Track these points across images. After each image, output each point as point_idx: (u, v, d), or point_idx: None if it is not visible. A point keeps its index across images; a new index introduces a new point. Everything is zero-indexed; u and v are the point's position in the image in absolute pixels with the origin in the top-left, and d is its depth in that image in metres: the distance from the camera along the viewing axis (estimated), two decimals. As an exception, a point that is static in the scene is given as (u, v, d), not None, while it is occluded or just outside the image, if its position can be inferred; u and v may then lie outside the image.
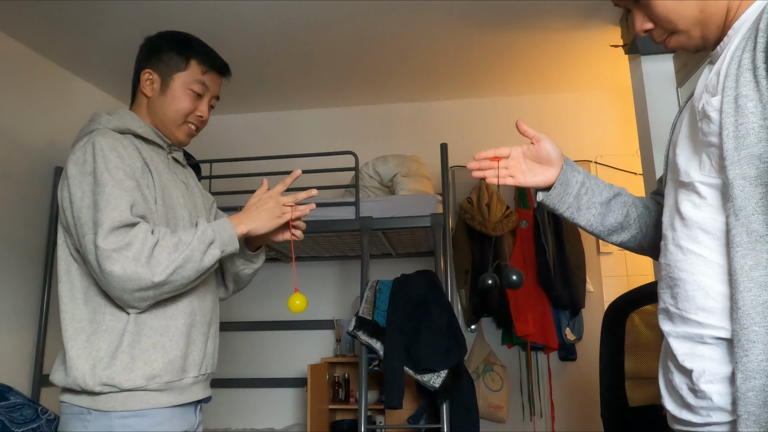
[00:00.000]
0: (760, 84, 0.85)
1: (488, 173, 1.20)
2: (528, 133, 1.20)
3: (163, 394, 1.30)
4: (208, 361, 1.42)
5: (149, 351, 1.28)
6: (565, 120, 3.85)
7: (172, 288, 1.26)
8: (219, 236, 1.31)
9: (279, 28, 2.99)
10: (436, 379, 2.49)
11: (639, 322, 1.95)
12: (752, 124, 0.85)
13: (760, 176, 0.84)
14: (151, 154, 1.41)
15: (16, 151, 2.95)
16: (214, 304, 1.49)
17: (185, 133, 1.48)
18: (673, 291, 0.97)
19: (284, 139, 4.03)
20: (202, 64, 1.46)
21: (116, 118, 1.39)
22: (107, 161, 1.27)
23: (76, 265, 1.32)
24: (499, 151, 1.21)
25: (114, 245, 1.20)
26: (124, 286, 1.20)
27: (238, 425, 3.72)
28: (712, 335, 0.90)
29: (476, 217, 3.43)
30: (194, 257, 1.26)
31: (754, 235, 0.84)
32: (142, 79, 1.45)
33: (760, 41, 0.85)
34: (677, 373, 0.95)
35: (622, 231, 1.22)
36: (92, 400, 1.25)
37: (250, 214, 1.39)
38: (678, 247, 0.97)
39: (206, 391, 1.44)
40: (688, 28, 0.99)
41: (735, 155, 0.86)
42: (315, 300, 3.81)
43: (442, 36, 3.12)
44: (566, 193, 1.18)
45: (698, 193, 0.94)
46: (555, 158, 1.18)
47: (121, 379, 1.24)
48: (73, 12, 2.75)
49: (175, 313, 1.33)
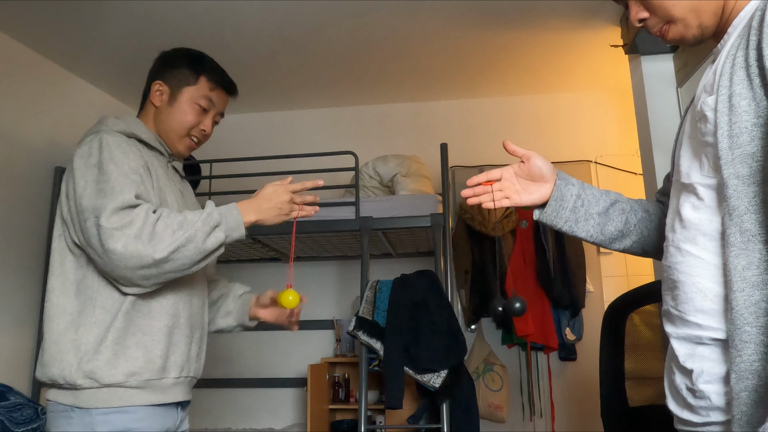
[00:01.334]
0: (753, 82, 0.85)
1: (483, 198, 1.21)
2: (517, 153, 1.19)
3: (143, 391, 1.32)
4: (191, 364, 1.45)
5: (131, 349, 1.31)
6: (564, 120, 3.85)
7: (174, 267, 1.26)
8: (225, 220, 1.32)
9: (279, 28, 2.99)
10: (436, 379, 2.49)
11: (639, 322, 1.95)
12: (745, 123, 0.84)
13: (752, 175, 0.84)
14: (152, 159, 1.46)
15: (16, 151, 2.95)
16: (201, 310, 1.51)
17: (186, 146, 1.53)
18: (673, 293, 0.97)
19: (284, 139, 4.03)
20: (210, 81, 1.52)
21: (123, 122, 1.44)
22: (113, 155, 1.31)
23: (71, 257, 1.34)
24: (491, 175, 1.21)
25: (116, 224, 1.22)
26: (127, 263, 1.22)
27: (238, 425, 3.72)
28: (710, 336, 0.90)
29: (476, 217, 3.44)
30: (197, 237, 1.27)
31: (746, 235, 0.84)
32: (152, 90, 1.51)
33: (753, 39, 0.85)
34: (678, 374, 0.95)
35: (624, 238, 1.22)
36: (75, 398, 1.28)
37: (261, 204, 1.39)
38: (677, 249, 0.97)
39: (188, 394, 1.47)
40: (684, 15, 0.99)
41: (729, 154, 0.85)
42: (315, 300, 3.81)
43: (442, 36, 3.12)
44: (562, 207, 1.19)
45: (697, 194, 0.94)
46: (547, 174, 1.19)
47: (103, 373, 1.27)
48: (73, 12, 2.75)
49: (159, 313, 1.36)
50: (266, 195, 1.40)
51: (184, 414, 1.49)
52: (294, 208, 1.43)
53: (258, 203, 1.39)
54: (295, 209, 1.43)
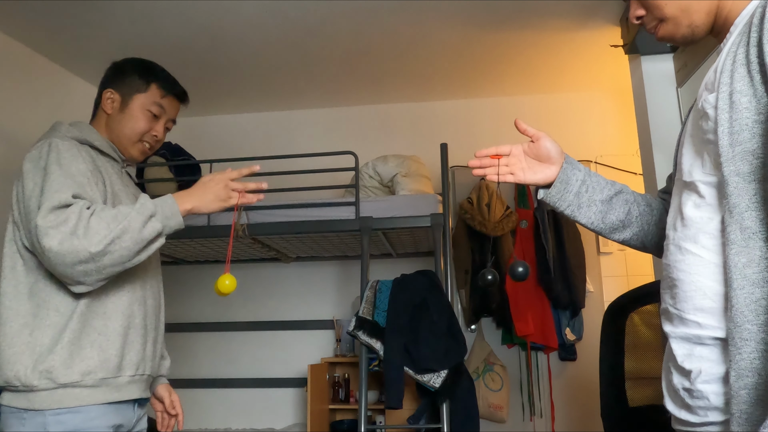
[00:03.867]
0: (753, 79, 0.84)
1: (488, 170, 1.21)
2: (528, 132, 1.20)
3: (98, 390, 1.34)
4: (146, 363, 1.48)
5: (86, 349, 1.34)
6: (564, 120, 3.85)
7: (113, 260, 1.27)
8: (161, 210, 1.34)
9: (279, 28, 2.99)
10: (436, 379, 2.49)
11: (639, 322, 1.95)
12: (746, 119, 0.84)
13: (753, 172, 0.83)
14: (106, 164, 1.50)
15: (16, 151, 2.95)
16: (155, 311, 1.55)
17: (139, 151, 1.57)
18: (672, 291, 0.97)
19: (284, 139, 4.03)
20: (161, 88, 1.58)
21: (76, 129, 1.48)
22: (60, 158, 1.35)
23: (21, 261, 1.36)
24: (500, 149, 1.22)
25: (51, 222, 1.24)
26: (64, 260, 1.24)
27: (238, 425, 3.72)
28: (710, 335, 0.90)
29: (476, 217, 3.43)
30: (132, 227, 1.28)
31: (747, 232, 0.83)
32: (104, 98, 1.56)
33: (753, 36, 0.85)
34: (676, 374, 0.95)
35: (624, 229, 1.21)
36: (29, 401, 1.29)
37: (195, 192, 1.42)
38: (677, 247, 0.97)
39: (145, 392, 1.50)
40: (675, 14, 1.00)
41: (730, 152, 0.85)
42: (315, 300, 3.81)
43: (442, 36, 3.12)
44: (566, 191, 1.18)
45: (699, 192, 0.94)
46: (555, 156, 1.19)
47: (59, 373, 1.29)
48: (73, 12, 2.75)
49: (114, 314, 1.40)
50: (202, 183, 1.44)
51: (141, 412, 1.51)
52: (233, 195, 1.44)
53: (193, 191, 1.42)
54: (234, 196, 1.44)
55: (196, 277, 3.94)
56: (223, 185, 1.43)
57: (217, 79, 3.56)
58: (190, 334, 3.83)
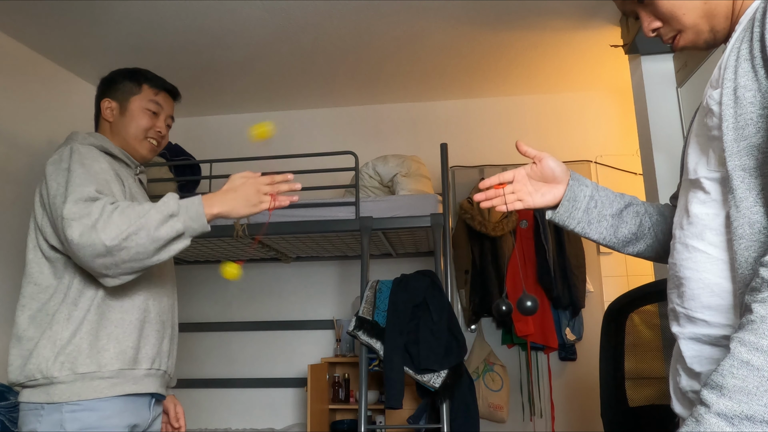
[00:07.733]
0: (757, 74, 0.84)
1: (495, 201, 1.19)
2: (529, 153, 1.18)
3: (116, 381, 1.36)
4: (162, 358, 1.50)
5: (104, 340, 1.37)
6: (564, 120, 3.85)
7: (130, 256, 1.27)
8: (185, 211, 1.30)
9: (279, 28, 2.99)
10: (436, 379, 2.49)
11: (639, 322, 1.95)
12: (751, 114, 0.84)
13: (759, 167, 0.83)
14: (122, 170, 1.54)
15: (16, 151, 2.95)
16: (171, 309, 1.57)
17: (147, 149, 1.62)
18: (679, 290, 0.96)
19: (284, 139, 4.03)
20: (153, 86, 1.63)
21: (93, 137, 1.53)
22: (83, 158, 1.39)
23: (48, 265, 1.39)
24: (503, 177, 1.19)
25: (75, 215, 1.27)
26: (84, 252, 1.26)
27: (238, 425, 3.72)
28: (719, 334, 0.89)
29: (476, 217, 3.43)
30: (148, 225, 1.26)
31: (756, 227, 0.83)
32: (103, 108, 1.61)
33: (756, 31, 0.85)
34: (685, 377, 0.94)
35: (637, 242, 1.20)
36: (48, 394, 1.31)
37: (226, 196, 1.36)
38: (684, 245, 0.96)
39: (161, 388, 1.51)
40: (696, 22, 0.97)
41: (734, 147, 0.85)
42: (315, 300, 3.81)
43: (442, 36, 3.12)
44: (575, 208, 1.17)
45: (704, 189, 0.93)
46: (560, 175, 1.17)
47: (78, 363, 1.32)
48: (73, 12, 2.75)
49: (131, 308, 1.42)
50: (232, 187, 1.37)
51: (157, 411, 1.52)
52: (264, 200, 1.38)
53: (223, 194, 1.36)
54: (265, 200, 1.38)
55: (197, 277, 3.94)
56: (255, 189, 1.37)
57: (217, 79, 3.57)
58: (190, 334, 3.84)
